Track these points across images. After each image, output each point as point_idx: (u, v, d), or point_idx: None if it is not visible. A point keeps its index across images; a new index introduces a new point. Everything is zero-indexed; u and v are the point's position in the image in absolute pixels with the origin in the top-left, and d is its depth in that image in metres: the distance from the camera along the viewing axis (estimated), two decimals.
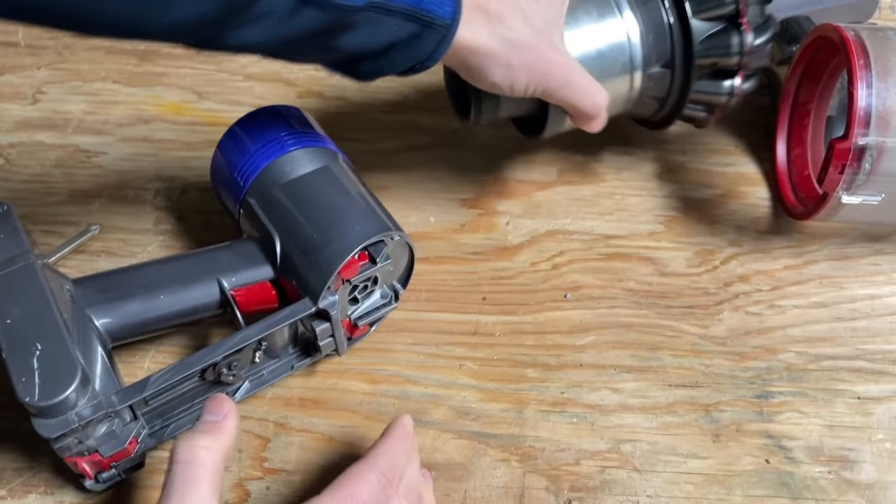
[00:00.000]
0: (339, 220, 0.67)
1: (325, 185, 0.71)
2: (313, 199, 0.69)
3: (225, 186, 0.75)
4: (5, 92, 0.96)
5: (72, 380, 0.58)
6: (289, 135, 0.74)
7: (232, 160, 0.74)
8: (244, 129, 0.75)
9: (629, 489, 0.67)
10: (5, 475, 0.67)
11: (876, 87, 0.70)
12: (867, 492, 0.67)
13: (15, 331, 0.60)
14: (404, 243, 0.71)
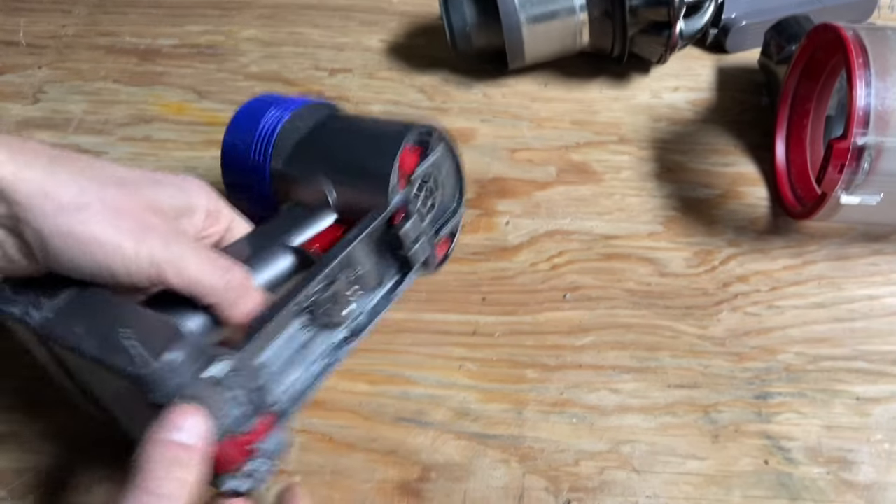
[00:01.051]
0: (377, 133, 0.67)
1: (347, 121, 0.71)
2: (342, 131, 0.69)
3: (243, 173, 0.72)
4: (6, 91, 0.96)
5: (174, 336, 0.50)
6: (285, 103, 0.74)
7: (243, 143, 0.72)
8: (243, 114, 0.75)
9: (628, 490, 0.67)
10: (5, 475, 0.67)
11: (875, 87, 0.70)
12: (865, 493, 0.67)
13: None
14: (446, 150, 0.71)
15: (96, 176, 0.53)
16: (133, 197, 0.53)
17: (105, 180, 0.53)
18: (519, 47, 0.91)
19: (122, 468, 0.67)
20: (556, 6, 0.89)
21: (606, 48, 0.93)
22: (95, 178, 0.53)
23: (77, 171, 0.52)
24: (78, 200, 0.51)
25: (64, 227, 0.50)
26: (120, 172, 0.55)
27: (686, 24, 0.89)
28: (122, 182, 0.54)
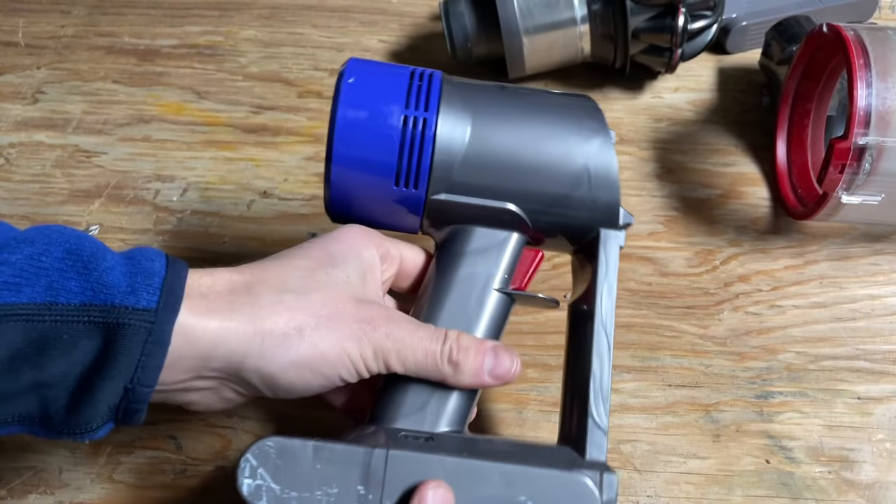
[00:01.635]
0: (563, 138, 0.60)
1: (504, 120, 0.60)
2: (510, 145, 0.59)
3: (379, 210, 0.61)
4: (5, 92, 0.96)
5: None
6: (404, 107, 0.59)
7: (378, 182, 0.59)
8: (358, 145, 0.59)
9: (629, 489, 0.67)
10: (5, 475, 0.67)
11: (876, 87, 0.70)
12: (867, 492, 0.67)
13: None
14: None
15: (289, 287, 0.52)
16: (334, 292, 0.53)
17: (300, 288, 0.52)
18: (519, 57, 0.91)
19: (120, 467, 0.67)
20: (556, 18, 0.88)
21: (608, 60, 0.93)
22: (291, 291, 0.52)
23: (273, 292, 0.52)
24: (291, 327, 0.51)
25: (290, 357, 0.51)
26: (302, 262, 0.54)
27: (688, 45, 0.89)
28: (314, 278, 0.53)
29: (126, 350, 0.46)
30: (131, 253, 0.50)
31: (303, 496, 0.50)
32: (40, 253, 0.46)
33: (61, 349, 0.46)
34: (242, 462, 0.50)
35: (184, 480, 0.67)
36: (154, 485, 0.67)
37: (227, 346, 0.49)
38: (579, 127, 0.60)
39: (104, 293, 0.46)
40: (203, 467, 0.68)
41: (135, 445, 0.69)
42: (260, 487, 0.50)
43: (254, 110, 0.93)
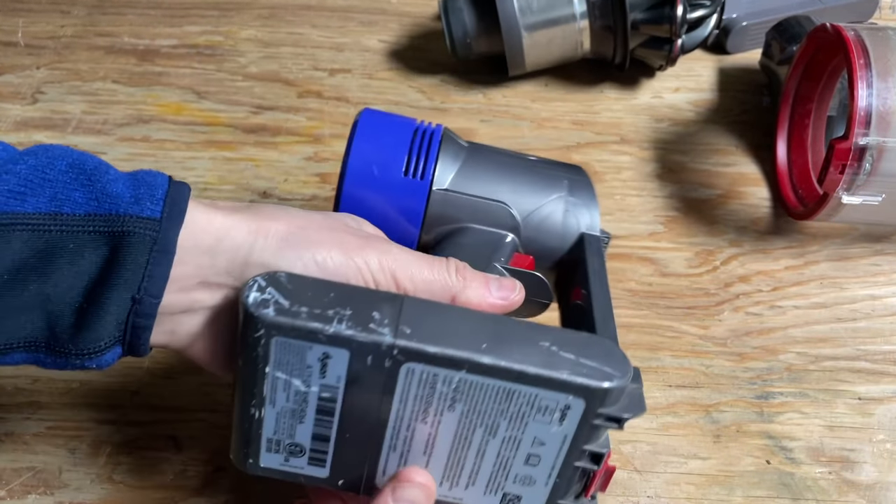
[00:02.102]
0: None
1: (489, 151, 0.66)
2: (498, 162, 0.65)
3: (386, 191, 0.62)
4: (4, 92, 0.96)
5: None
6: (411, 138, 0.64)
7: (387, 158, 0.62)
8: (374, 126, 0.64)
9: (630, 490, 0.67)
10: (5, 475, 0.67)
11: (876, 87, 0.70)
12: (868, 492, 0.67)
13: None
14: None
15: (287, 212, 0.52)
16: (335, 219, 0.54)
17: (303, 213, 0.52)
18: (519, 54, 0.91)
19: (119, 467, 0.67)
20: (556, 14, 0.88)
21: (608, 56, 0.93)
22: (298, 213, 0.52)
23: (272, 211, 0.51)
24: (295, 227, 0.50)
25: (296, 252, 0.49)
26: (302, 212, 0.54)
27: (688, 37, 0.89)
28: (316, 212, 0.54)
29: (132, 259, 0.46)
30: (133, 172, 0.49)
31: (314, 311, 0.45)
32: (45, 165, 0.46)
33: (67, 259, 0.46)
34: (251, 281, 0.46)
35: (184, 481, 0.67)
36: (154, 485, 0.67)
37: (231, 239, 0.49)
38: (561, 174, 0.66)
39: (109, 203, 0.46)
40: (203, 468, 0.68)
41: (134, 446, 0.69)
42: (267, 301, 0.45)
43: (253, 110, 0.93)
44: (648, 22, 0.87)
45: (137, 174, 0.48)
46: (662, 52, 0.90)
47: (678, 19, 0.85)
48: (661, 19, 0.86)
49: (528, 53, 0.91)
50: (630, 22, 0.87)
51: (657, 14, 0.86)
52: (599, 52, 0.93)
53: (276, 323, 0.45)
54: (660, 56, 0.90)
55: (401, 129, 0.63)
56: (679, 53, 0.89)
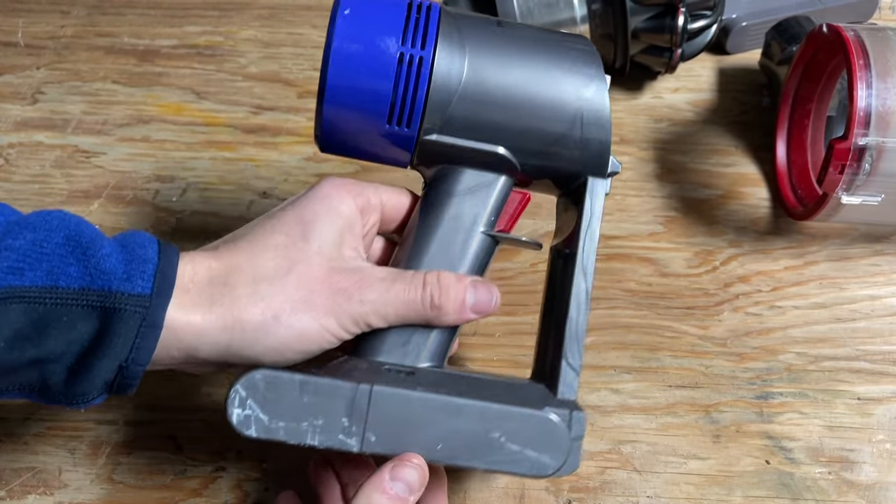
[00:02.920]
0: (558, 81, 0.59)
1: (501, 60, 0.59)
2: (506, 86, 0.59)
3: (370, 146, 0.60)
4: (4, 92, 0.96)
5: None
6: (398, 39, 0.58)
7: (371, 114, 0.58)
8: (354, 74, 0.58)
9: (629, 490, 0.67)
10: (5, 475, 0.67)
11: (876, 88, 0.70)
12: (867, 492, 0.67)
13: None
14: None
15: (263, 273, 0.54)
16: (307, 269, 0.54)
17: (273, 274, 0.54)
18: None
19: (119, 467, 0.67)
20: (557, 17, 0.88)
21: (608, 59, 0.93)
22: (265, 278, 0.53)
23: (248, 282, 0.53)
24: (268, 316, 0.53)
25: (269, 343, 0.53)
26: (275, 239, 0.55)
27: (688, 45, 0.89)
28: (287, 257, 0.54)
29: (122, 332, 0.49)
30: (125, 240, 0.52)
31: (290, 426, 0.53)
32: (42, 239, 0.49)
33: (61, 329, 0.48)
34: (232, 393, 0.52)
35: (183, 481, 0.67)
36: (154, 485, 0.67)
37: (210, 337, 0.52)
38: (575, 71, 0.60)
39: (102, 279, 0.49)
40: (203, 468, 0.68)
41: (134, 446, 0.69)
42: (249, 417, 0.53)
43: (253, 111, 0.93)
44: (649, 31, 0.87)
45: (129, 245, 0.52)
46: (662, 60, 0.90)
47: (679, 29, 0.85)
48: (662, 29, 0.86)
49: None
50: (630, 30, 0.87)
51: (658, 24, 0.86)
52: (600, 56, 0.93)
53: (259, 439, 0.53)
54: (660, 63, 0.90)
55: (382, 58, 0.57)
56: (679, 61, 0.89)
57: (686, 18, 0.85)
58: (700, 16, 0.88)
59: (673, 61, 0.89)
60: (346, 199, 0.58)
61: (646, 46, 0.89)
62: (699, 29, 0.88)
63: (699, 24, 0.88)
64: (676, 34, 0.85)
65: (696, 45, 0.91)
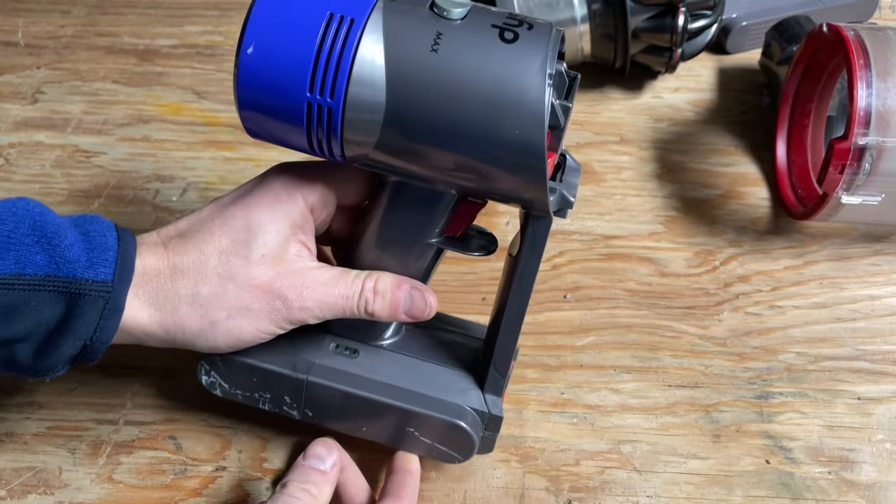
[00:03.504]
0: (503, 88, 0.51)
1: (428, 91, 0.51)
2: (432, 122, 0.51)
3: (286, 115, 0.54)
4: (4, 91, 0.96)
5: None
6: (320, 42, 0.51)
7: (290, 78, 0.52)
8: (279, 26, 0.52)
9: (629, 489, 0.67)
10: (5, 475, 0.67)
11: (876, 87, 0.70)
12: (867, 492, 0.67)
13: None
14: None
15: (206, 279, 0.56)
16: (247, 278, 0.57)
17: (215, 281, 0.56)
18: None
19: (119, 467, 0.67)
20: (557, 17, 0.88)
21: (608, 59, 0.93)
22: (207, 285, 0.56)
23: (191, 288, 0.56)
24: (206, 322, 0.57)
25: (210, 344, 0.58)
26: (221, 243, 0.57)
27: (688, 45, 0.89)
28: (229, 265, 0.57)
29: (86, 316, 0.53)
30: (85, 227, 0.55)
31: (245, 394, 0.64)
32: (10, 230, 0.52)
33: (28, 313, 0.52)
34: (199, 364, 0.63)
35: (184, 481, 0.67)
36: (154, 485, 0.67)
37: (155, 335, 0.56)
38: (510, 108, 0.51)
39: (67, 267, 0.52)
40: (203, 467, 0.68)
41: (134, 446, 0.69)
42: (213, 383, 0.64)
43: None
44: (649, 31, 0.87)
45: (90, 233, 0.54)
46: (663, 59, 0.90)
47: (679, 29, 0.85)
48: (663, 29, 0.86)
49: None
50: (631, 30, 0.87)
51: (658, 23, 0.86)
52: (600, 57, 0.93)
53: (223, 398, 0.65)
54: (660, 62, 0.90)
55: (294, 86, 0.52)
56: (679, 61, 0.89)
57: (686, 18, 0.85)
58: (700, 15, 0.88)
59: (673, 61, 0.89)
60: (296, 200, 0.59)
61: (646, 46, 0.89)
62: (699, 29, 0.88)
63: (699, 23, 0.88)
64: (676, 34, 0.85)
65: (697, 45, 0.91)
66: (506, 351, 0.63)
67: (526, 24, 0.52)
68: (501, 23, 0.52)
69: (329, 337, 0.66)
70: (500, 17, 0.52)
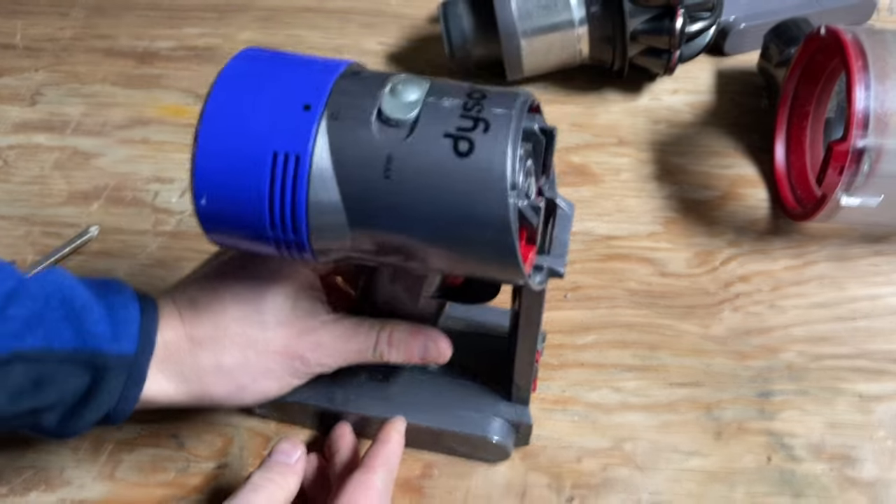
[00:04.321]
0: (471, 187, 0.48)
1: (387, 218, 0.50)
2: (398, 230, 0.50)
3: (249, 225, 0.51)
4: (3, 94, 0.96)
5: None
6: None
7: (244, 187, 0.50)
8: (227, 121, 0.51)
9: (631, 487, 0.67)
10: (6, 473, 0.67)
11: (874, 89, 0.70)
12: (868, 489, 0.67)
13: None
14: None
15: (226, 349, 0.59)
16: (265, 345, 0.59)
17: (236, 350, 0.59)
18: (517, 60, 0.91)
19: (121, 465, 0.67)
20: (555, 19, 0.88)
21: (606, 62, 0.93)
22: (229, 354, 0.59)
23: (212, 358, 0.58)
24: (232, 388, 0.59)
25: (238, 404, 0.61)
26: (233, 312, 0.59)
27: (686, 47, 0.89)
28: (246, 334, 0.59)
29: (110, 387, 0.55)
30: (110, 301, 0.56)
31: (290, 420, 0.71)
32: (41, 307, 0.53)
33: (55, 385, 0.53)
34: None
35: (186, 478, 0.67)
36: (156, 483, 0.67)
37: (183, 402, 0.59)
38: (479, 226, 0.48)
39: (92, 341, 0.54)
40: (205, 465, 0.68)
41: (136, 443, 0.69)
42: (261, 413, 0.70)
43: None
44: (647, 33, 0.87)
45: (114, 306, 0.56)
46: (661, 62, 0.90)
47: (677, 31, 0.86)
48: (661, 31, 0.86)
49: (527, 59, 0.91)
50: (629, 32, 0.87)
51: (657, 26, 0.86)
52: (598, 59, 0.93)
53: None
54: (658, 65, 0.91)
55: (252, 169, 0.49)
56: (677, 63, 0.90)
57: (684, 20, 0.86)
58: (698, 18, 0.88)
59: (671, 63, 0.89)
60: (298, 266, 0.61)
61: (644, 48, 0.89)
62: (698, 31, 0.88)
63: (698, 26, 0.88)
64: (675, 36, 0.86)
65: (695, 47, 0.91)
66: (525, 375, 0.64)
67: (482, 124, 0.48)
68: (454, 129, 0.48)
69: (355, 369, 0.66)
70: (454, 116, 0.48)
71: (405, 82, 0.49)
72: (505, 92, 0.50)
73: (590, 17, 0.88)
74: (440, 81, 0.51)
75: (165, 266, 0.80)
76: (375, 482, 0.59)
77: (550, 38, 0.90)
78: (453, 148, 0.47)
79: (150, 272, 0.80)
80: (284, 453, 0.62)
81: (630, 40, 0.88)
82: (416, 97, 0.49)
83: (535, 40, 0.89)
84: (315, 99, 0.49)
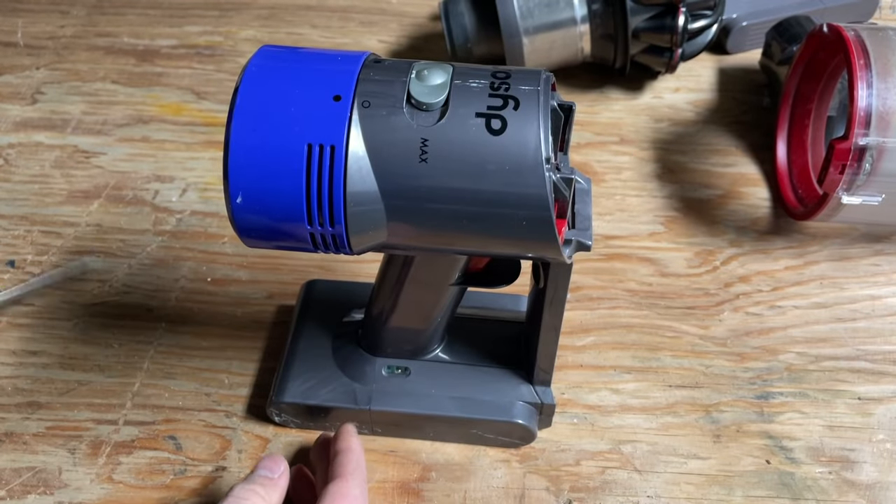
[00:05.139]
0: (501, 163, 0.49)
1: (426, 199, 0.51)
2: (437, 223, 0.51)
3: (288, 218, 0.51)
4: (4, 92, 0.96)
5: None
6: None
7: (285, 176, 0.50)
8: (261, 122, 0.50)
9: (629, 490, 0.67)
10: (5, 475, 0.67)
11: (876, 87, 0.70)
12: (868, 492, 0.67)
13: None
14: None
15: None
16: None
17: None
18: (519, 58, 0.91)
19: (119, 467, 0.67)
20: (557, 17, 0.88)
21: (608, 60, 0.93)
22: None
23: None
24: None
25: None
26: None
27: (688, 45, 0.89)
28: None
29: None
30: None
31: (316, 426, 0.70)
32: None
33: None
34: (269, 410, 0.69)
35: (183, 481, 0.67)
36: (154, 485, 0.67)
37: None
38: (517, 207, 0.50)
39: None
40: (203, 467, 0.68)
41: (134, 446, 0.69)
42: (286, 421, 0.70)
43: None
44: (649, 31, 0.87)
45: None
46: (663, 59, 0.90)
47: (679, 29, 0.85)
48: (663, 29, 0.86)
49: (529, 57, 0.91)
50: (631, 30, 0.87)
51: (658, 24, 0.86)
52: (600, 57, 0.93)
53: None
54: (660, 63, 0.90)
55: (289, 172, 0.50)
56: (679, 61, 0.89)
57: (686, 18, 0.85)
58: (700, 16, 0.88)
59: (673, 61, 0.89)
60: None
61: (646, 46, 0.89)
62: (699, 29, 0.88)
63: (699, 23, 0.88)
64: (677, 34, 0.85)
65: (697, 45, 0.91)
66: (548, 356, 0.65)
67: (512, 101, 0.50)
68: (486, 108, 0.49)
69: (380, 361, 0.69)
70: (483, 96, 0.50)
71: (429, 67, 0.51)
72: (527, 70, 0.52)
73: (592, 14, 0.88)
74: (461, 65, 0.53)
75: (165, 265, 0.80)
76: (352, 489, 0.59)
77: (552, 35, 0.89)
78: (486, 126, 0.49)
79: (150, 271, 0.80)
80: (268, 468, 0.62)
81: (632, 38, 0.88)
82: (443, 80, 0.51)
83: (537, 38, 0.89)
84: (344, 89, 0.50)
